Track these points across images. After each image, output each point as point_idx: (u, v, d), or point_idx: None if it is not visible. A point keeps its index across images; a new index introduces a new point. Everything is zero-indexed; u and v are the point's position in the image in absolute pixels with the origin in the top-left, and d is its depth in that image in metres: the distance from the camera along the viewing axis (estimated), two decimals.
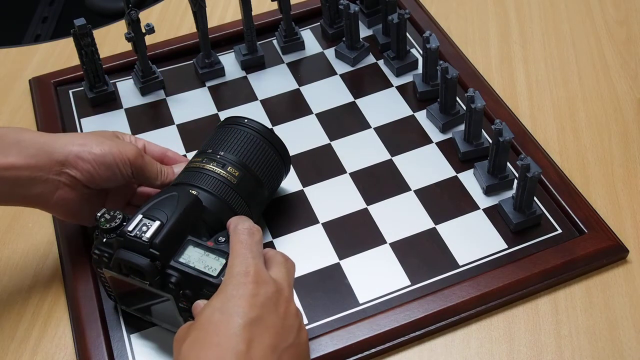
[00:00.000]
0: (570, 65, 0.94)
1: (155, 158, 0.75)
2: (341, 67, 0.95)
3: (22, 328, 0.72)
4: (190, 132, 0.88)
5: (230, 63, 0.97)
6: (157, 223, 0.62)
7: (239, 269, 0.58)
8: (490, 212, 0.77)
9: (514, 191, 0.76)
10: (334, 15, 0.98)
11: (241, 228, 0.62)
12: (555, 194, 0.77)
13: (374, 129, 0.87)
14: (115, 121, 0.90)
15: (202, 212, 0.67)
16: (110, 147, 0.69)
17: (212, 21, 1.01)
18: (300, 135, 0.87)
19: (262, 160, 0.73)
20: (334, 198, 0.80)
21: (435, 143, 0.85)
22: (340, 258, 0.75)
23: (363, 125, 0.88)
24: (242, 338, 0.53)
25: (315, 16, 1.02)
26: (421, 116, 0.88)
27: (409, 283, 0.72)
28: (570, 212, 0.76)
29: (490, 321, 0.70)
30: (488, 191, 0.79)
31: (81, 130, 0.89)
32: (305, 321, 0.70)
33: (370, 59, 0.96)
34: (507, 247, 0.74)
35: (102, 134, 0.72)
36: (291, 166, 0.79)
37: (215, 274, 0.61)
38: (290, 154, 0.77)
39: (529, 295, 0.71)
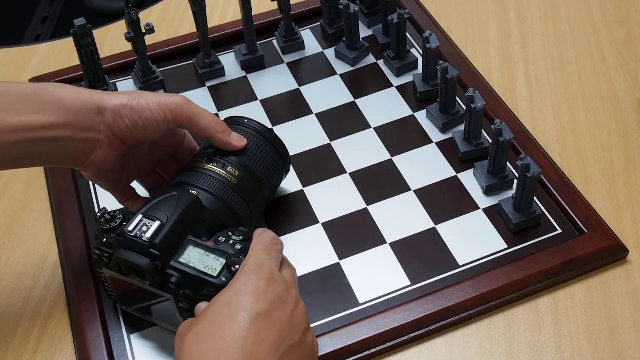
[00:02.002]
0: (570, 65, 0.94)
1: (187, 152, 0.75)
2: (341, 67, 0.95)
3: (22, 328, 0.72)
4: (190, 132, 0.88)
5: (230, 63, 0.97)
6: (157, 223, 0.62)
7: (251, 266, 0.58)
8: (490, 212, 0.77)
9: (514, 191, 0.76)
10: (334, 15, 0.98)
11: (266, 235, 0.62)
12: (555, 194, 0.77)
13: (374, 129, 0.87)
14: None
15: (202, 212, 0.67)
16: (147, 102, 0.67)
17: (212, 21, 1.01)
18: (300, 135, 0.87)
19: (262, 160, 0.73)
20: (334, 198, 0.80)
21: (435, 143, 0.85)
22: (340, 258, 0.75)
23: (363, 125, 0.88)
24: (247, 332, 0.53)
25: (315, 16, 1.02)
26: (421, 116, 0.88)
27: (409, 283, 0.72)
28: (570, 212, 0.76)
29: (490, 321, 0.70)
30: (488, 191, 0.79)
31: None
32: None
33: (370, 59, 0.96)
34: (507, 247, 0.74)
35: (143, 91, 0.70)
36: (291, 166, 0.79)
37: (215, 274, 0.61)
38: (290, 154, 0.77)
39: (529, 295, 0.71)
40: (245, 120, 0.75)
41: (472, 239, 0.75)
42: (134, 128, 0.67)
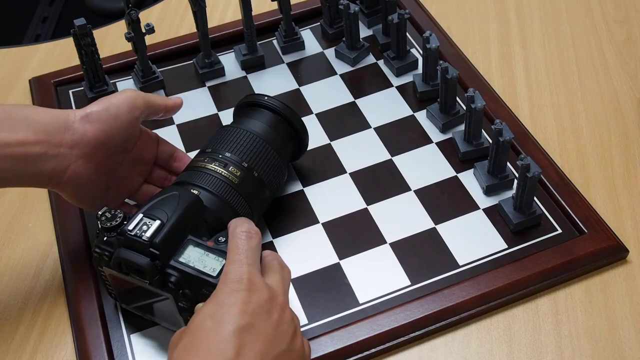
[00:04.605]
0: (570, 65, 0.94)
1: (166, 155, 0.77)
2: (341, 67, 0.95)
3: (22, 328, 0.72)
4: (190, 132, 0.88)
5: (230, 63, 0.97)
6: (158, 222, 0.62)
7: (233, 276, 0.57)
8: (490, 212, 0.77)
9: (514, 191, 0.76)
10: (334, 15, 0.98)
11: (239, 231, 0.61)
12: (555, 194, 0.77)
13: (374, 129, 0.87)
14: None
15: (202, 212, 0.67)
16: (109, 99, 0.70)
17: (212, 21, 1.01)
18: None
19: (264, 160, 0.73)
20: (334, 198, 0.80)
21: (435, 143, 0.85)
22: (340, 258, 0.75)
23: (363, 125, 0.88)
24: (231, 345, 0.53)
25: (315, 16, 1.02)
26: (421, 116, 0.88)
27: (409, 283, 0.72)
28: (570, 212, 0.76)
29: (490, 321, 0.70)
30: (488, 191, 0.79)
31: None
32: (305, 321, 0.70)
33: (370, 59, 0.96)
34: (507, 247, 0.74)
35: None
36: (291, 166, 0.78)
37: (214, 274, 0.61)
38: None
39: (529, 295, 0.71)
40: (266, 98, 0.75)
41: (472, 239, 0.75)
42: (103, 127, 0.68)
